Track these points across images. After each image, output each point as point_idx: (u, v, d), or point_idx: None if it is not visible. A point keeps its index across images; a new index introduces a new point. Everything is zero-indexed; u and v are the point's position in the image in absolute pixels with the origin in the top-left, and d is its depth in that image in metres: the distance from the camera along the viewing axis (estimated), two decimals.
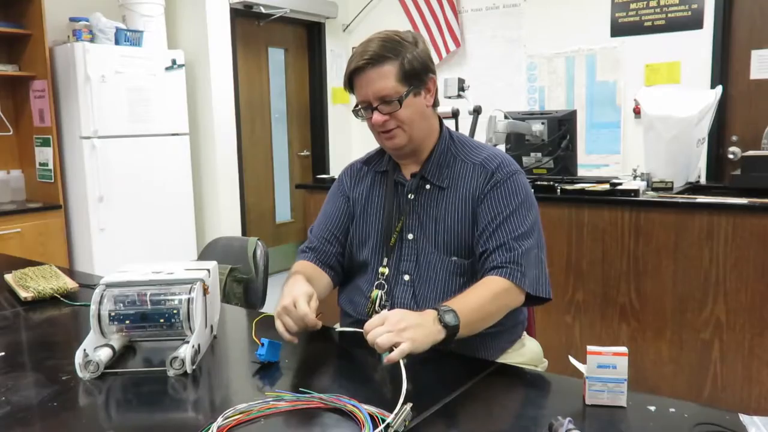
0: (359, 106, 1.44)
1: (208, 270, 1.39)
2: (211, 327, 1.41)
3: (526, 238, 1.38)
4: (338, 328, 1.39)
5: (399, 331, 1.11)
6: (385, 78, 1.37)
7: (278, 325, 1.28)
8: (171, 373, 1.22)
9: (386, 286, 1.46)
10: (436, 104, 1.49)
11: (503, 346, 1.50)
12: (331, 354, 1.38)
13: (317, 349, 1.41)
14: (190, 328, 1.28)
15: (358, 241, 1.54)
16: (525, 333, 1.60)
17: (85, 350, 1.23)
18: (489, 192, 1.42)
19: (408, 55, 1.39)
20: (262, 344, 1.24)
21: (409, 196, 1.49)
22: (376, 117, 1.40)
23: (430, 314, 1.19)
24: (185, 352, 1.22)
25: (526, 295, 1.36)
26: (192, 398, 1.18)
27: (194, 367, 1.23)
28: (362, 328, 1.16)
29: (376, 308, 1.45)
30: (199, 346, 1.28)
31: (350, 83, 1.42)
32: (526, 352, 1.54)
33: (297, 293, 1.28)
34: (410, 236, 1.47)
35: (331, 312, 1.54)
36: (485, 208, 1.41)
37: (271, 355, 1.25)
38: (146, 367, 1.29)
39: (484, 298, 1.29)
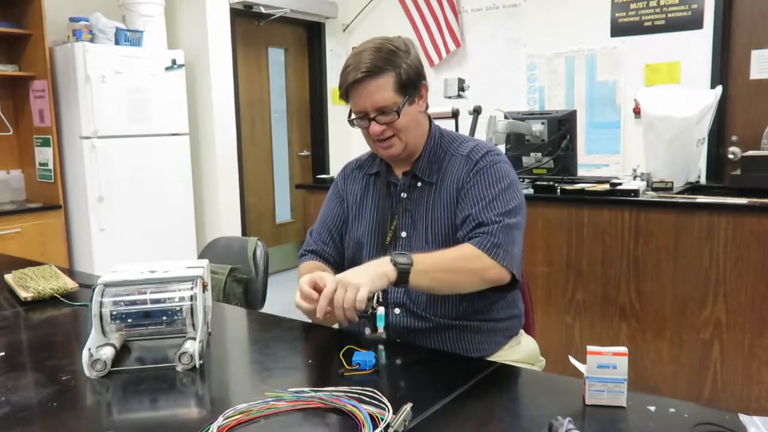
0: (354, 116, 1.45)
1: (203, 267, 1.40)
2: (207, 323, 1.42)
3: (510, 215, 1.39)
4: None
5: (351, 284, 1.20)
6: (383, 90, 1.38)
7: (304, 305, 1.27)
8: (180, 368, 1.23)
9: None
10: (426, 107, 1.51)
11: (498, 340, 1.50)
12: (332, 354, 1.38)
13: (317, 349, 1.41)
14: (192, 325, 1.29)
15: (355, 242, 1.56)
16: (522, 331, 1.60)
17: (90, 350, 1.23)
18: (473, 178, 1.44)
19: (404, 65, 1.39)
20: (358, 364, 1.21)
21: (402, 195, 1.51)
22: (375, 128, 1.41)
23: (383, 259, 1.28)
24: (193, 347, 1.24)
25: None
26: (191, 398, 1.18)
27: (201, 361, 1.25)
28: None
29: (373, 305, 1.45)
30: (202, 341, 1.29)
31: (346, 93, 1.43)
32: (522, 350, 1.54)
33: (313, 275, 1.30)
34: (403, 234, 1.49)
35: None
36: (469, 194, 1.43)
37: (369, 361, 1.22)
38: (140, 365, 1.29)
39: (448, 254, 1.35)
